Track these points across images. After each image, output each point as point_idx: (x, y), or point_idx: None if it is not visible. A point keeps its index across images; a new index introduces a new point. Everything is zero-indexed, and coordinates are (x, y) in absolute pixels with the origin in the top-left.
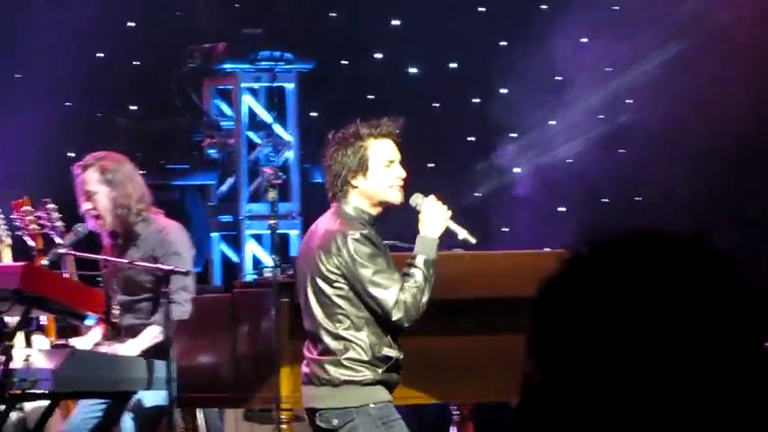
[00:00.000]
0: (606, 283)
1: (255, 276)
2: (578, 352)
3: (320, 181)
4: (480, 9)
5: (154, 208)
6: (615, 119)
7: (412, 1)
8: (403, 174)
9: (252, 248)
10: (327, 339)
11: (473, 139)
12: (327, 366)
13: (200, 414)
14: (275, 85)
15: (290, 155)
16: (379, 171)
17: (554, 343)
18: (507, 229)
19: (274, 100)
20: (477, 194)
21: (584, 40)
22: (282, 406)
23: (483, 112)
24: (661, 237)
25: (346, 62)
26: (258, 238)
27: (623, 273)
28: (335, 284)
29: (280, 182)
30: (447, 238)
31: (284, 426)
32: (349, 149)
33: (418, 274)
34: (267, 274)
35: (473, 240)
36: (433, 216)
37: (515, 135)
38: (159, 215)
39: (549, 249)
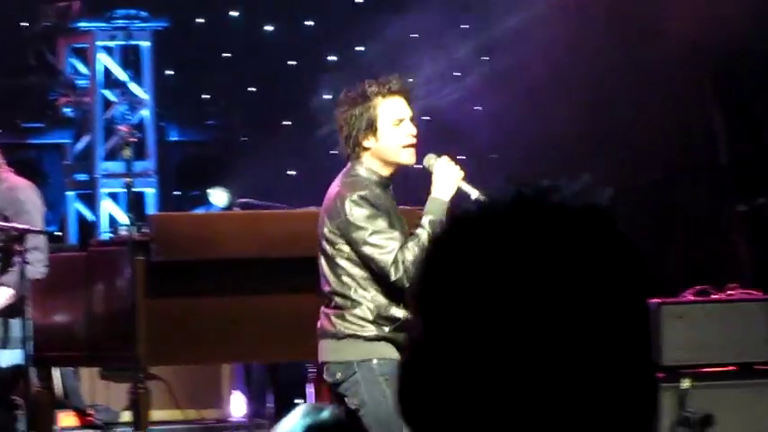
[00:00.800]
0: (493, 240)
1: (111, 235)
2: (464, 310)
3: (176, 139)
4: None
5: (4, 166)
6: (471, 76)
7: None
8: (414, 131)
9: (107, 207)
10: (336, 298)
11: (329, 97)
12: (334, 319)
13: (55, 373)
14: (130, 43)
15: (145, 113)
16: (389, 130)
17: (440, 301)
18: None
19: (130, 58)
20: (333, 152)
21: None
22: (139, 365)
23: (339, 70)
24: (546, 193)
25: (202, 20)
26: (114, 196)
27: (510, 230)
28: (337, 246)
29: (135, 140)
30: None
31: (140, 384)
32: (357, 109)
33: (423, 234)
34: (123, 232)
35: (485, 198)
36: (445, 177)
37: None
38: (10, 173)
39: (407, 207)
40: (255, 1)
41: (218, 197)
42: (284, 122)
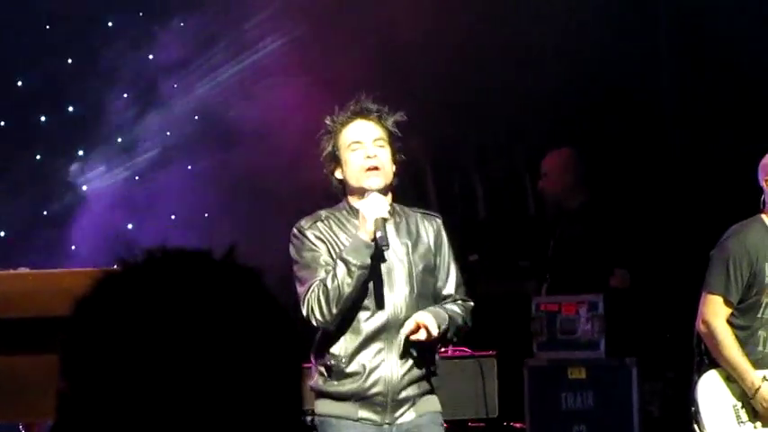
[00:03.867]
0: (135, 300)
1: None
2: (106, 369)
3: None
4: (46, 27)
5: None
6: (184, 133)
7: None
8: (372, 152)
9: None
10: None
11: (39, 157)
12: None
13: None
14: None
15: None
16: (347, 156)
17: (83, 361)
18: (74, 247)
19: None
20: (44, 212)
21: (151, 56)
22: None
23: (50, 130)
24: (193, 254)
25: None
26: None
27: (153, 290)
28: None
29: None
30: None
31: None
32: (324, 143)
33: (336, 270)
34: None
35: (385, 244)
36: (364, 214)
37: (82, 152)
38: None
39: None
40: None
41: None
42: None
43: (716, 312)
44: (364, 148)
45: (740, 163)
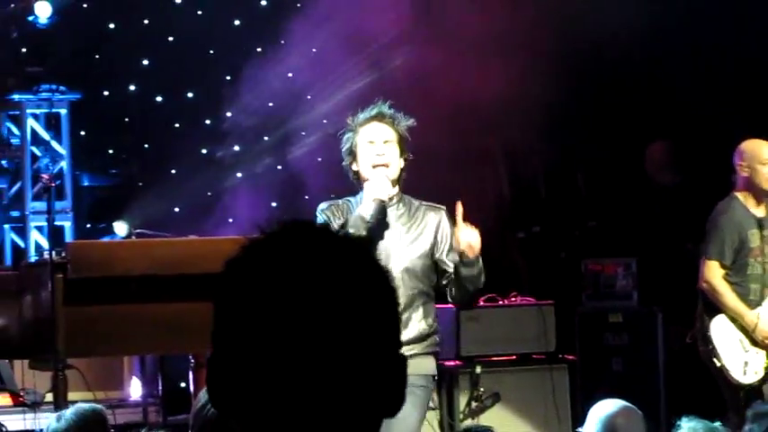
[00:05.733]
0: (273, 260)
1: (37, 258)
2: (251, 318)
3: (87, 184)
4: (210, 52)
5: None
6: (315, 134)
7: (156, 45)
8: (381, 151)
9: (35, 237)
10: None
11: (205, 151)
12: None
13: None
14: (52, 111)
15: (64, 165)
16: (361, 152)
17: (230, 309)
18: (231, 220)
19: (52, 122)
20: (209, 193)
21: (290, 75)
22: (59, 357)
23: (212, 131)
24: (318, 225)
25: (107, 92)
26: (40, 228)
27: (287, 253)
28: None
29: (54, 185)
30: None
31: (60, 372)
32: (344, 139)
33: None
34: (46, 256)
35: (379, 215)
36: (366, 194)
37: (237, 148)
38: None
39: None
40: (148, 77)
41: (120, 228)
42: (172, 171)
43: (714, 274)
44: (375, 147)
45: None
